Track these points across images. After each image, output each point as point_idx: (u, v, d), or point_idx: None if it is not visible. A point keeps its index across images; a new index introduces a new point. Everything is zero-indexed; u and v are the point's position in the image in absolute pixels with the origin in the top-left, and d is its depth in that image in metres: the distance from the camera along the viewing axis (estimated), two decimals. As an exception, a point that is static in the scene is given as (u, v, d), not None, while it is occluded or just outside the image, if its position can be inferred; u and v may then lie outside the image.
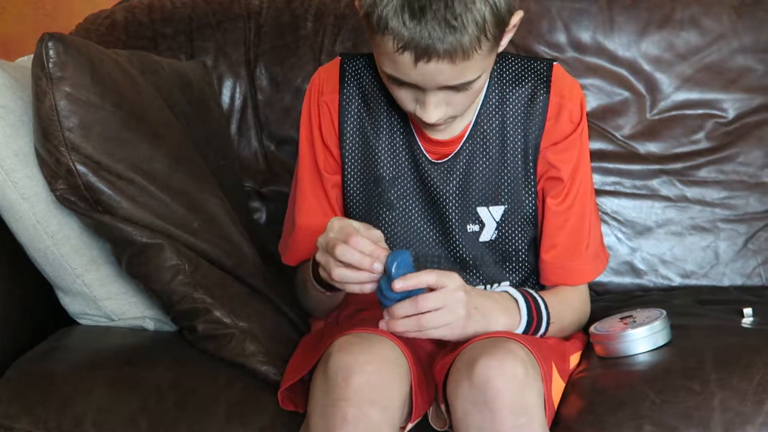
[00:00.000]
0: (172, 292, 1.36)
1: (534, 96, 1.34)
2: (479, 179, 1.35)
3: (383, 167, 1.35)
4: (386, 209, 1.36)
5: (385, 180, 1.35)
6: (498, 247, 1.37)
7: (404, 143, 1.35)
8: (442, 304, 1.18)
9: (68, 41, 1.31)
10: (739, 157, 1.77)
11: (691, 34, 1.78)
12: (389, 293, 1.17)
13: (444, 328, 1.20)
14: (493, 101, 1.34)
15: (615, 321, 1.36)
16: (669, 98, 1.79)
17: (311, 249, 1.31)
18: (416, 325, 1.18)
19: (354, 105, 1.36)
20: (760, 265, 1.73)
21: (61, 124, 1.30)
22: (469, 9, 1.15)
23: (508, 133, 1.34)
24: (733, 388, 1.21)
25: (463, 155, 1.34)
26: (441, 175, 1.35)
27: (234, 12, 1.85)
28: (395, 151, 1.35)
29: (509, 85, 1.34)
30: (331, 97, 1.36)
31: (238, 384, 1.32)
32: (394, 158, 1.35)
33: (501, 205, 1.35)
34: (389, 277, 1.16)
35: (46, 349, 1.40)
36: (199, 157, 1.49)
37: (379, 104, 1.35)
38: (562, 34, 1.80)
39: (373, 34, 1.20)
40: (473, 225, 1.35)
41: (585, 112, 1.36)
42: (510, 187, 1.35)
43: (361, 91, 1.36)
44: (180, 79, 1.63)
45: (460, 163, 1.34)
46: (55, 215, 1.37)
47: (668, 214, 1.76)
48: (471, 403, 1.17)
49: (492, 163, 1.35)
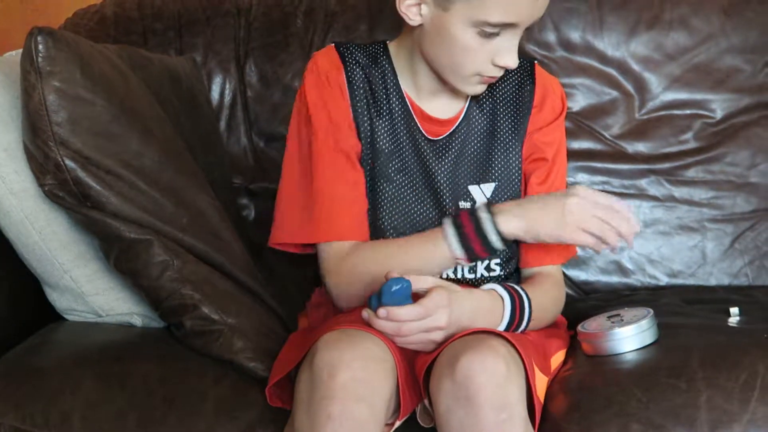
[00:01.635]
0: (160, 288, 1.35)
1: (521, 86, 1.44)
2: (471, 158, 1.42)
3: (383, 141, 1.40)
4: (386, 182, 1.39)
5: (384, 153, 1.39)
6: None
7: (403, 120, 1.41)
8: (421, 337, 1.23)
9: (58, 35, 1.31)
10: (727, 158, 1.78)
11: (679, 34, 1.79)
12: (374, 306, 1.22)
13: (418, 345, 1.25)
14: (484, 89, 1.41)
15: (602, 320, 1.36)
16: (657, 98, 1.80)
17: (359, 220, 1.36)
18: (395, 332, 1.23)
19: (358, 81, 1.40)
20: (747, 264, 1.74)
21: (50, 118, 1.30)
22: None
23: (498, 118, 1.43)
24: (719, 386, 1.22)
25: (457, 135, 1.41)
26: (436, 152, 1.41)
27: (224, 8, 1.84)
28: (394, 127, 1.40)
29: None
30: (336, 73, 1.40)
31: (226, 380, 1.32)
32: (393, 133, 1.40)
33: (492, 182, 1.41)
34: (380, 295, 1.21)
35: (33, 345, 1.40)
36: (189, 153, 1.48)
37: (377, 83, 1.41)
38: (552, 33, 1.80)
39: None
40: (464, 202, 1.41)
41: (565, 103, 1.47)
42: (500, 166, 1.42)
43: (361, 69, 1.41)
44: (169, 74, 1.63)
45: (455, 142, 1.41)
46: (43, 210, 1.37)
47: (656, 214, 1.77)
48: (453, 398, 1.18)
49: (483, 144, 1.42)
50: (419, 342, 1.24)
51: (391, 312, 1.21)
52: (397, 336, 1.22)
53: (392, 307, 1.21)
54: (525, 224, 1.32)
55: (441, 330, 1.24)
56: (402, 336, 1.22)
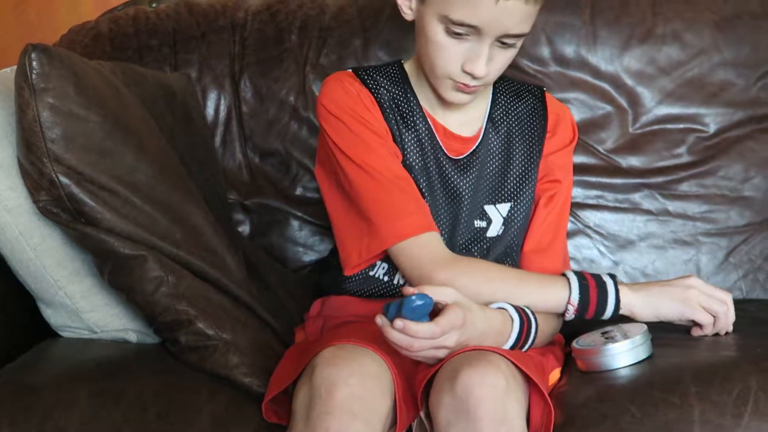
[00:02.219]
0: (155, 304, 1.35)
1: (534, 110, 1.49)
2: (488, 179, 1.44)
3: (412, 157, 1.41)
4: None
5: (415, 169, 1.41)
6: (502, 242, 1.44)
7: (427, 137, 1.42)
8: (427, 353, 1.23)
9: (52, 52, 1.31)
10: (720, 171, 1.78)
11: (672, 48, 1.80)
12: (392, 315, 1.21)
13: (422, 359, 1.25)
14: (499, 111, 1.47)
15: (596, 335, 1.37)
16: (651, 112, 1.81)
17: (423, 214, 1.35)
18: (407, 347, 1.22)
19: (385, 98, 1.42)
20: (741, 278, 1.75)
21: (44, 135, 1.30)
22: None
23: (514, 140, 1.46)
24: (712, 401, 1.22)
25: (478, 154, 1.44)
26: (458, 171, 1.43)
27: (219, 24, 1.85)
28: (421, 144, 1.42)
29: (511, 99, 1.49)
30: (363, 92, 1.41)
31: (221, 396, 1.32)
32: (420, 150, 1.42)
33: (507, 202, 1.44)
34: (401, 306, 1.19)
35: (28, 362, 1.39)
36: (183, 168, 1.49)
37: (400, 102, 1.42)
38: (546, 47, 1.81)
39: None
40: (480, 221, 1.43)
41: (576, 132, 1.50)
42: (515, 186, 1.45)
43: (383, 88, 1.42)
44: (164, 90, 1.63)
45: (476, 161, 1.44)
46: (37, 227, 1.37)
47: (650, 228, 1.77)
48: (453, 413, 1.18)
49: (499, 165, 1.45)
50: (424, 357, 1.24)
51: (408, 327, 1.19)
52: (408, 350, 1.22)
53: (409, 322, 1.19)
54: (644, 299, 1.36)
55: (448, 349, 1.24)
56: (412, 351, 1.22)
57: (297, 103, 1.81)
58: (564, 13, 1.81)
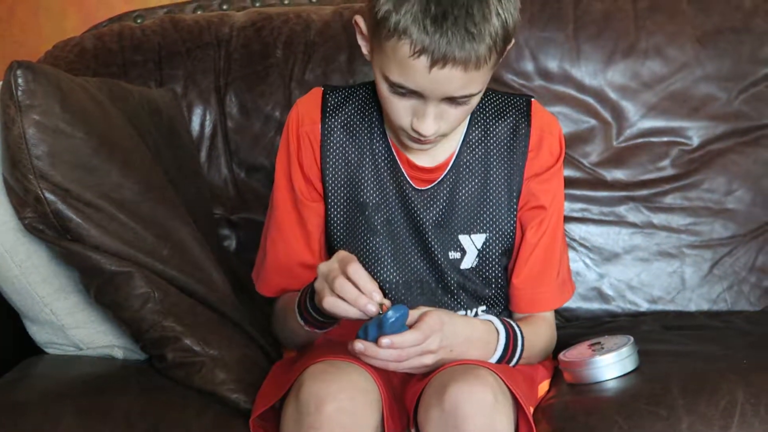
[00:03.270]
0: (142, 320, 1.35)
1: (516, 129, 1.37)
2: (461, 207, 1.37)
3: (367, 193, 1.37)
4: (370, 235, 1.37)
5: (369, 206, 1.37)
6: (479, 274, 1.39)
7: (388, 170, 1.37)
8: (413, 362, 1.21)
9: (37, 69, 1.31)
10: (704, 184, 1.79)
11: (655, 63, 1.81)
12: (373, 335, 1.19)
13: (411, 369, 1.23)
14: (476, 132, 1.37)
15: (583, 348, 1.37)
16: (635, 126, 1.82)
17: (283, 282, 1.35)
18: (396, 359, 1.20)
19: (336, 134, 1.37)
20: (726, 290, 1.75)
21: (30, 152, 1.29)
22: (487, 20, 1.20)
23: (491, 164, 1.37)
24: (699, 413, 1.22)
25: (446, 183, 1.37)
26: (423, 201, 1.37)
27: (204, 40, 1.85)
28: (380, 178, 1.37)
29: (492, 118, 1.38)
30: (312, 127, 1.37)
31: (208, 412, 1.31)
32: (378, 184, 1.37)
33: (482, 233, 1.37)
34: (380, 325, 1.18)
35: (13, 379, 1.38)
36: (169, 184, 1.48)
37: (362, 133, 1.37)
38: (530, 62, 1.82)
39: (385, 41, 1.21)
40: (454, 252, 1.37)
41: (564, 145, 1.41)
42: (492, 216, 1.37)
43: (344, 120, 1.37)
44: (149, 106, 1.63)
45: (443, 191, 1.36)
46: (23, 243, 1.36)
47: (635, 240, 1.78)
48: (442, 428, 1.18)
49: (475, 191, 1.37)
50: (412, 367, 1.22)
51: (396, 341, 1.18)
52: (397, 362, 1.20)
53: (394, 336, 1.18)
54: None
55: (432, 354, 1.22)
56: (400, 362, 1.20)
57: (282, 118, 1.81)
58: (547, 28, 1.82)
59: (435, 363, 1.24)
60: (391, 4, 1.20)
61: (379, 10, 1.21)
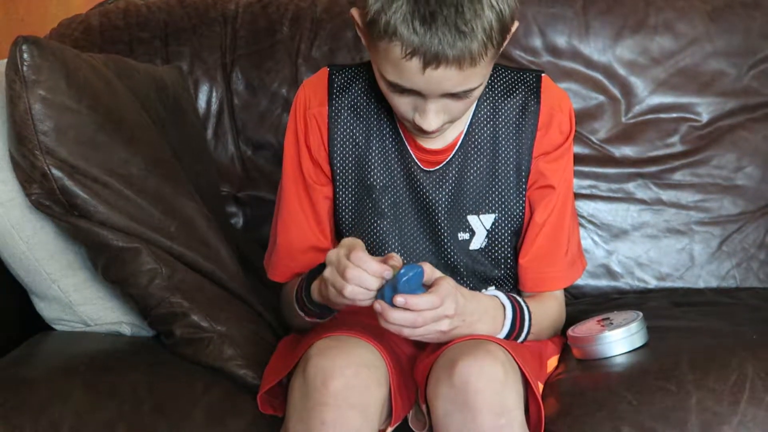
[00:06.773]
0: (149, 297, 1.35)
1: (525, 106, 1.35)
2: (470, 188, 1.35)
3: (375, 176, 1.35)
4: (378, 218, 1.36)
5: (376, 188, 1.35)
6: (488, 254, 1.38)
7: (396, 152, 1.35)
8: (429, 327, 1.19)
9: (43, 44, 1.31)
10: (713, 161, 1.78)
11: (665, 38, 1.80)
12: (389, 296, 1.17)
13: (426, 336, 1.21)
14: (484, 111, 1.35)
15: (592, 323, 1.37)
16: (644, 102, 1.81)
17: (295, 267, 1.35)
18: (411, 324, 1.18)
19: (344, 115, 1.35)
20: (734, 267, 1.75)
21: (36, 128, 1.29)
22: (479, 15, 1.16)
23: (500, 143, 1.35)
24: (709, 388, 1.22)
25: (454, 164, 1.35)
26: (432, 183, 1.35)
27: (210, 16, 1.84)
28: (387, 160, 1.35)
29: (501, 96, 1.35)
30: (319, 110, 1.35)
31: (216, 388, 1.31)
32: (385, 167, 1.35)
33: (491, 213, 1.36)
34: (395, 286, 1.16)
35: (21, 355, 1.39)
36: (176, 161, 1.48)
37: (369, 114, 1.35)
38: (538, 38, 1.81)
39: (377, 41, 1.19)
40: (463, 233, 1.36)
41: (574, 123, 1.38)
42: (501, 196, 1.36)
43: (351, 101, 1.35)
44: (156, 83, 1.62)
45: (452, 172, 1.35)
46: (30, 220, 1.36)
47: (644, 217, 1.77)
48: (451, 403, 1.17)
49: (483, 171, 1.35)
50: (428, 332, 1.19)
51: (411, 301, 1.15)
52: (413, 327, 1.18)
53: (409, 296, 1.16)
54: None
55: (448, 318, 1.19)
56: (416, 328, 1.18)
57: (289, 95, 1.81)
58: (556, 3, 1.80)
59: (450, 330, 1.21)
60: (380, 4, 1.17)
61: (369, 9, 1.19)
